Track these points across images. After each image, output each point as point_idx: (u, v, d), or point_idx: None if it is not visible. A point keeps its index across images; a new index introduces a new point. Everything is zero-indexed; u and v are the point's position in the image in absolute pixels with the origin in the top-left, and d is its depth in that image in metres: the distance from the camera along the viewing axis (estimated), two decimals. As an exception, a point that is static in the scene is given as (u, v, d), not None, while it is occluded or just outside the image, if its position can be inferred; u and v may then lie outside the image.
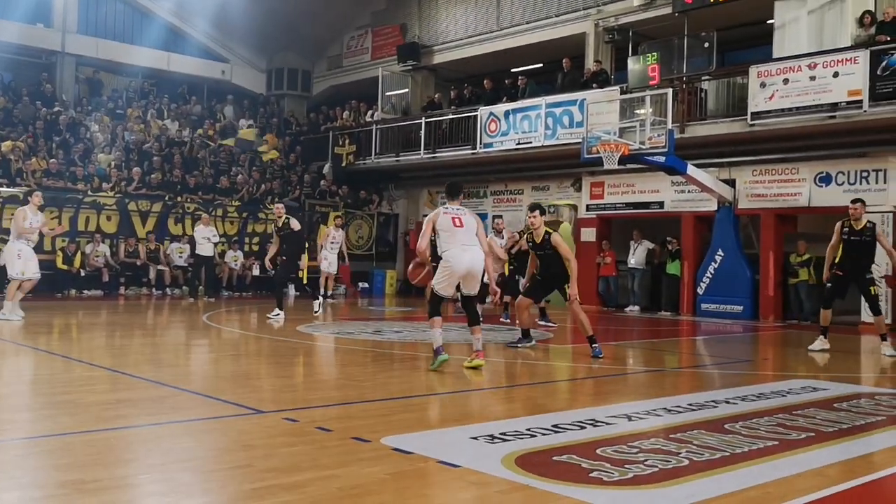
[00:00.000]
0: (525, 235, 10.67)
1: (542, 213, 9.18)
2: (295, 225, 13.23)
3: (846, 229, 9.79)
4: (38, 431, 4.82)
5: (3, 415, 5.31)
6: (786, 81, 14.60)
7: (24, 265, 11.51)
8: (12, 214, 16.51)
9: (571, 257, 9.06)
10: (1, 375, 7.25)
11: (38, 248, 16.86)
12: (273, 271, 13.56)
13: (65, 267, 17.10)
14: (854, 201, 9.93)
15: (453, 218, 7.55)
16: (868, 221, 9.78)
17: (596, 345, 8.78)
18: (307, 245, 14.56)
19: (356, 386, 6.81)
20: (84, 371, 7.28)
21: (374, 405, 5.88)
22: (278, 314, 12.66)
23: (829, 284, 9.97)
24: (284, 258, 13.26)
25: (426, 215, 22.79)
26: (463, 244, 7.49)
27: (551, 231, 9.08)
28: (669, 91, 15.10)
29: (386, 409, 5.78)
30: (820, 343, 10.03)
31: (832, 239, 9.97)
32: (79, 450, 4.34)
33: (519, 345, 9.49)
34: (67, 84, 22.87)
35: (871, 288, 9.78)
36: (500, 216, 19.33)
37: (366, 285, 22.07)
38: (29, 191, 14.31)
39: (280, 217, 13.35)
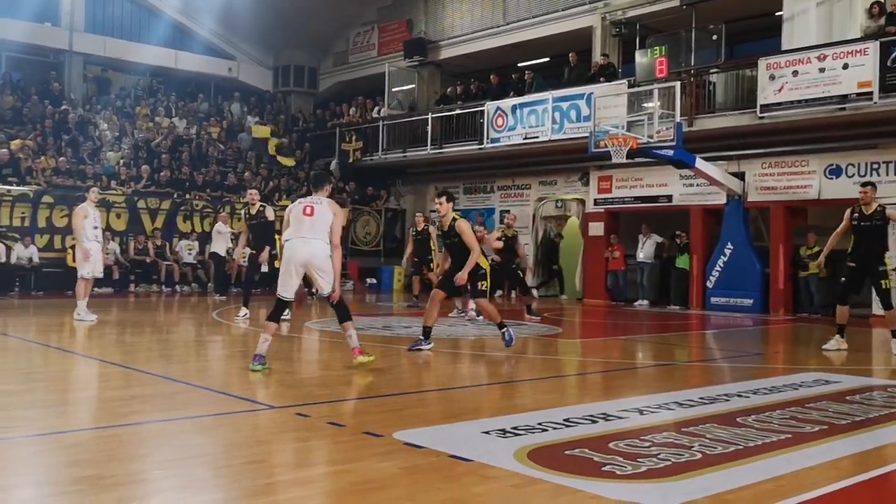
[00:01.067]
0: (436, 224, 10.04)
1: (450, 199, 8.61)
2: (270, 214, 12.03)
3: (856, 215, 9.42)
4: (52, 428, 4.84)
5: (18, 412, 5.34)
6: (795, 73, 14.53)
7: (94, 265, 11.44)
8: (23, 213, 16.77)
9: (475, 247, 8.32)
10: (15, 373, 7.28)
11: (48, 246, 17.10)
12: (246, 262, 12.65)
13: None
14: (864, 185, 9.57)
15: (305, 206, 7.00)
16: (878, 205, 9.40)
17: (505, 328, 8.44)
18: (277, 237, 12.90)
19: (366, 381, 6.82)
20: (97, 368, 7.32)
21: (384, 400, 5.89)
22: (246, 314, 11.86)
23: (842, 279, 9.60)
24: (253, 251, 12.19)
25: (433, 211, 22.84)
26: (303, 236, 6.92)
27: (457, 217, 8.51)
28: (678, 84, 15.05)
29: (397, 404, 5.79)
30: (835, 342, 9.45)
31: (840, 225, 9.61)
32: (93, 446, 4.37)
33: (420, 347, 8.55)
34: (76, 82, 22.93)
35: (884, 281, 9.34)
36: (509, 211, 19.42)
37: (374, 281, 22.09)
38: (88, 186, 13.96)
39: (254, 204, 11.96)
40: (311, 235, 6.94)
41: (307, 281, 7.37)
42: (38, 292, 16.21)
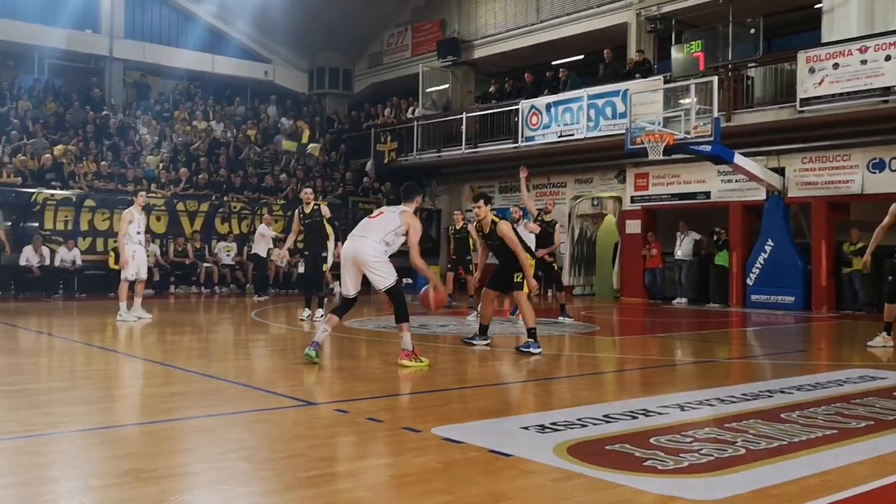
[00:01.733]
0: (474, 225, 9.86)
1: (487, 202, 8.61)
2: (325, 211, 11.84)
3: None
4: (97, 423, 4.92)
5: (64, 408, 5.44)
6: (836, 66, 14.26)
7: (138, 266, 11.69)
8: (66, 217, 17.11)
9: (519, 249, 8.36)
10: (60, 371, 7.44)
11: (91, 249, 17.43)
12: (284, 263, 12.59)
13: (117, 267, 17.38)
14: None
15: (377, 212, 7.43)
16: None
17: (531, 339, 8.22)
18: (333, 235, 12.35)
19: (404, 378, 6.83)
20: (139, 366, 7.43)
21: (422, 397, 5.89)
22: (309, 315, 11.79)
23: (890, 277, 9.13)
24: (306, 252, 12.15)
25: (469, 210, 22.83)
26: (353, 234, 7.22)
27: (497, 220, 8.49)
28: (715, 79, 14.86)
29: (434, 401, 5.79)
30: (881, 339, 9.15)
31: (885, 220, 9.23)
32: (137, 440, 4.43)
33: (474, 342, 8.78)
34: (116, 88, 23.35)
35: None
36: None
37: (409, 281, 22.09)
38: (136, 190, 14.36)
39: (309, 203, 11.75)
40: (361, 233, 7.14)
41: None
42: (81, 294, 16.53)
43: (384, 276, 7.13)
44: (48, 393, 6.01)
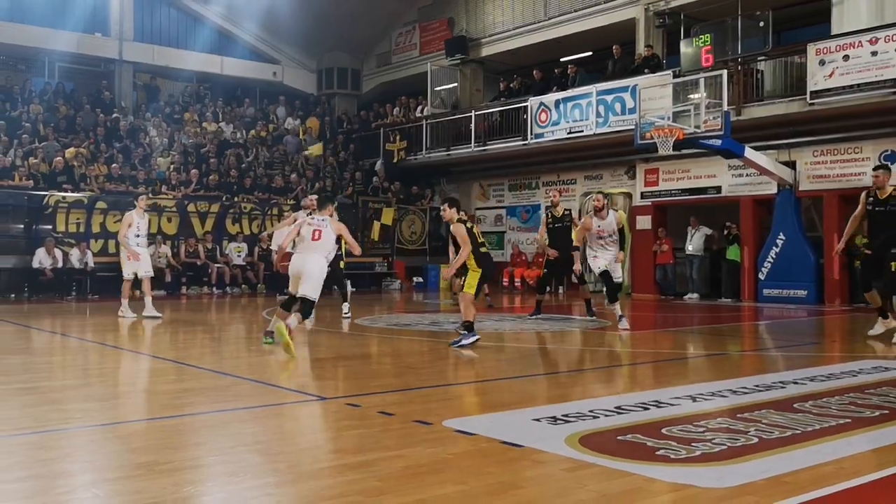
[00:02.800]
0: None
1: (452, 205, 8.95)
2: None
3: (871, 199, 9.24)
4: (111, 419, 4.95)
5: (78, 404, 5.48)
6: (846, 58, 14.17)
7: (136, 266, 12.10)
8: (78, 219, 17.21)
9: (464, 251, 8.62)
10: (73, 369, 7.48)
11: (103, 251, 17.51)
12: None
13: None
14: (876, 168, 9.48)
15: (314, 230, 8.18)
16: (894, 189, 9.13)
17: (464, 332, 8.42)
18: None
19: (415, 373, 6.84)
20: (151, 364, 7.47)
21: (433, 391, 5.90)
22: (348, 312, 12.02)
23: (860, 267, 9.48)
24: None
25: (478, 209, 22.82)
26: (301, 252, 8.21)
27: (455, 222, 8.80)
28: (724, 73, 14.78)
29: (445, 395, 5.80)
30: (880, 325, 9.35)
31: (856, 209, 9.46)
32: (150, 435, 4.46)
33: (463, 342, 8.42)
34: (126, 91, 23.44)
35: (893, 263, 8.98)
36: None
37: (420, 280, 22.16)
38: (137, 195, 14.62)
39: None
40: (310, 250, 8.15)
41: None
42: (94, 295, 16.60)
43: (315, 289, 8.05)
44: (62, 390, 6.04)
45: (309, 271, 7.99)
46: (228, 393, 5.81)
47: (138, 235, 12.21)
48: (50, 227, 16.92)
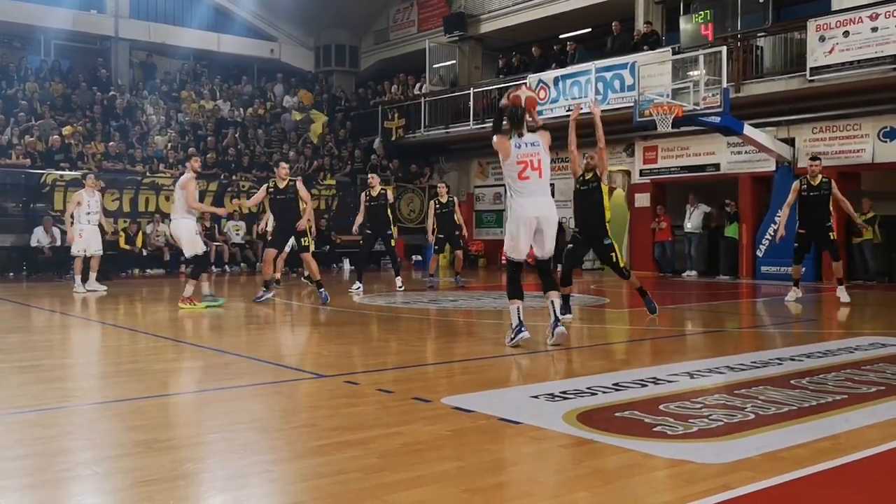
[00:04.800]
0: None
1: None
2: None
3: (804, 186, 11.03)
4: (109, 397, 4.96)
5: (76, 382, 5.49)
6: (846, 34, 14.10)
7: (86, 244, 12.77)
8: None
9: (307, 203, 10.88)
10: (72, 347, 7.49)
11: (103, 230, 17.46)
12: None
13: (127, 247, 17.55)
14: (813, 159, 11.24)
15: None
16: (823, 177, 11.08)
17: (322, 289, 10.60)
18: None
19: (414, 351, 6.86)
20: (149, 342, 7.48)
21: (432, 368, 5.92)
22: (359, 287, 12.72)
23: (796, 244, 11.36)
24: (370, 231, 13.31)
25: (477, 187, 22.77)
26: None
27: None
28: (724, 49, 14.71)
29: (444, 372, 5.81)
30: (793, 294, 11.61)
31: (790, 196, 11.25)
32: (149, 413, 4.47)
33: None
34: (122, 68, 23.31)
35: (830, 234, 11.10)
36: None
37: (419, 258, 22.16)
38: (84, 174, 15.01)
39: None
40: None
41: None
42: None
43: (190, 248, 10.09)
44: (60, 368, 6.06)
45: None
46: (228, 371, 5.82)
47: (88, 213, 12.92)
48: (47, 205, 16.88)
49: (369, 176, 14.28)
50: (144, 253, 17.72)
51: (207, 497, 3.14)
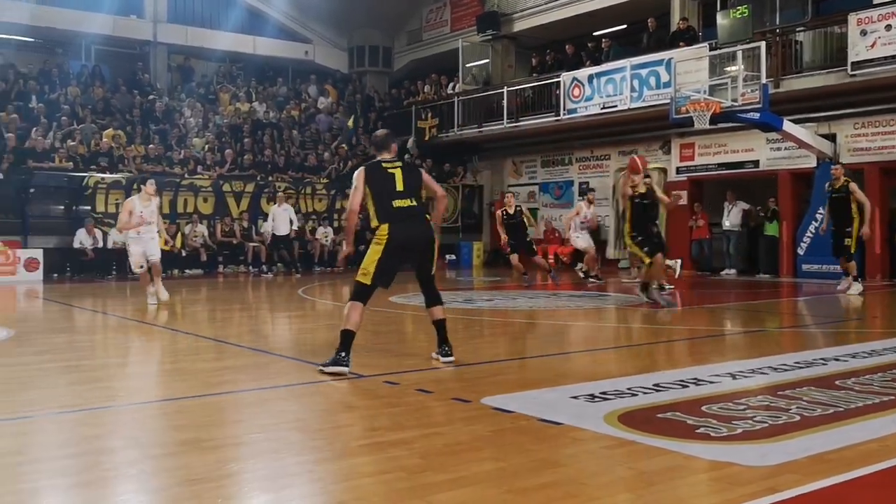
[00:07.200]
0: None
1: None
2: None
3: (828, 189, 12.16)
4: (153, 396, 5.04)
5: (120, 382, 5.59)
6: (888, 28, 13.79)
7: (135, 260, 10.84)
8: (118, 199, 17.45)
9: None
10: (115, 348, 7.62)
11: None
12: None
13: (166, 248, 17.76)
14: (834, 163, 12.54)
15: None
16: (844, 180, 12.01)
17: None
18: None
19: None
20: (190, 342, 7.58)
21: (469, 368, 5.91)
22: None
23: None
24: None
25: (511, 185, 22.80)
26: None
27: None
28: (762, 44, 14.48)
29: (482, 372, 5.80)
30: (856, 287, 12.17)
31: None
32: (193, 412, 4.53)
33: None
34: (160, 72, 23.65)
35: (847, 240, 12.20)
36: (588, 183, 19.30)
37: (453, 257, 22.17)
38: (141, 178, 14.43)
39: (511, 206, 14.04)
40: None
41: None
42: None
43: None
44: (104, 368, 6.17)
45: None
46: (268, 371, 5.88)
47: (140, 225, 10.74)
48: (89, 207, 17.20)
49: (506, 196, 15.28)
50: (183, 253, 17.96)
51: (252, 496, 3.17)
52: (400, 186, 5.95)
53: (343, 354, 5.53)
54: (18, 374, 5.74)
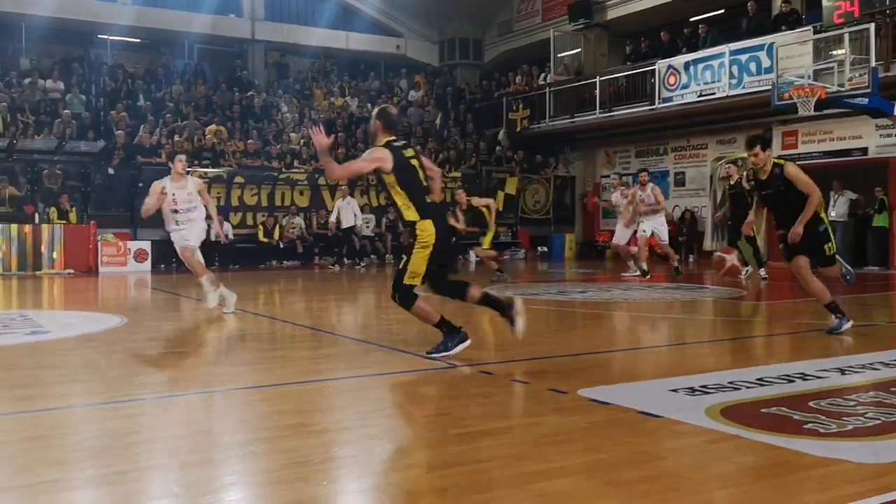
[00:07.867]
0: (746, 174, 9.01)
1: (766, 146, 7.29)
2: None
3: None
4: (257, 382, 5.22)
5: (226, 368, 5.81)
6: None
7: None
8: (219, 193, 18.13)
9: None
10: (219, 336, 7.92)
11: (241, 223, 18.37)
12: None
13: (265, 240, 18.37)
14: None
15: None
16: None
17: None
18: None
19: (545, 342, 6.84)
20: (289, 330, 7.81)
21: (565, 360, 5.88)
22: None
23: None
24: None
25: (605, 176, 22.49)
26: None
27: (781, 163, 7.24)
28: (872, 26, 13.83)
29: (577, 364, 5.77)
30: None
31: None
32: (296, 397, 4.67)
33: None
34: (258, 69, 24.38)
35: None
36: (684, 173, 18.80)
37: (545, 249, 22.05)
38: (172, 154, 12.87)
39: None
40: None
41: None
42: (235, 266, 17.49)
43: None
44: (208, 356, 6.42)
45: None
46: (365, 359, 6.01)
47: (176, 211, 9.39)
48: (193, 201, 17.88)
49: (727, 165, 13.39)
50: (281, 245, 18.49)
51: (355, 480, 3.25)
52: (423, 180, 5.69)
53: (454, 332, 5.70)
54: (132, 358, 6.04)
